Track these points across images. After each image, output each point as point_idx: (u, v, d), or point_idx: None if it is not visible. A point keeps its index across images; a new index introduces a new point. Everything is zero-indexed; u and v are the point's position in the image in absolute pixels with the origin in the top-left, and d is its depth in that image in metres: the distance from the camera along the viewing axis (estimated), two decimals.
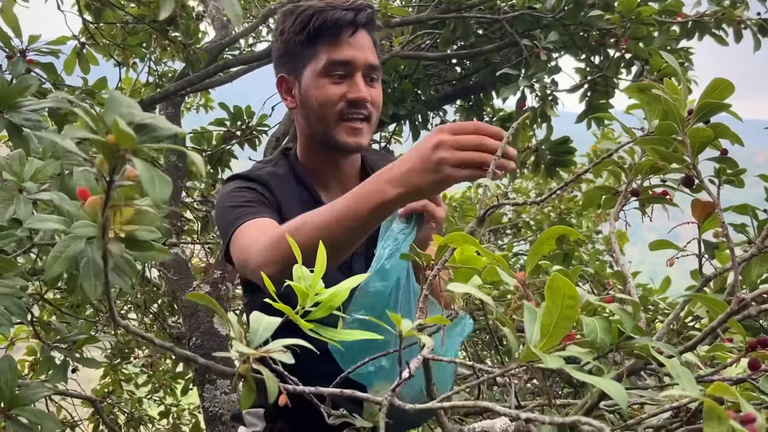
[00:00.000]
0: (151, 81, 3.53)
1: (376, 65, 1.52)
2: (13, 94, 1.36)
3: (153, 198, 0.64)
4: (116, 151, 0.63)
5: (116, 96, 0.67)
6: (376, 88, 1.53)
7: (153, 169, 0.64)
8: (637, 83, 0.93)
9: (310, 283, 0.92)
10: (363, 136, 1.52)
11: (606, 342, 0.83)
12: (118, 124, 0.61)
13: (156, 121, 0.67)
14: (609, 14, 2.36)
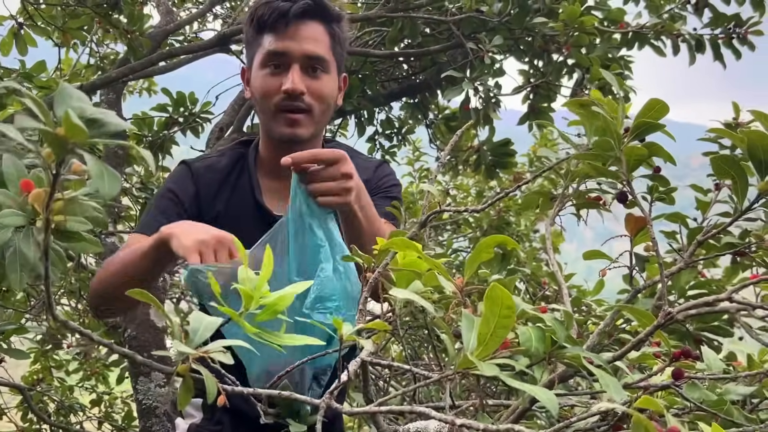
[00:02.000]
0: (93, 63, 3.45)
1: (316, 56, 1.50)
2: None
3: (102, 194, 0.64)
4: (66, 144, 0.62)
5: (67, 88, 0.66)
6: (320, 79, 1.51)
7: (103, 164, 0.64)
8: (578, 99, 0.96)
9: (256, 286, 0.92)
10: (301, 128, 1.50)
11: (540, 350, 0.86)
12: (69, 117, 0.60)
13: (106, 115, 0.66)
14: (553, 21, 2.41)
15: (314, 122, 1.52)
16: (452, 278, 0.97)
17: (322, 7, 1.52)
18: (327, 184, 1.27)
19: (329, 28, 1.53)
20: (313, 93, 1.50)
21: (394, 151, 3.63)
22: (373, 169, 1.63)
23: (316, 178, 1.28)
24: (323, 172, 1.28)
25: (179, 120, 3.14)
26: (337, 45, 1.54)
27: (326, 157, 1.28)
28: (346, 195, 1.28)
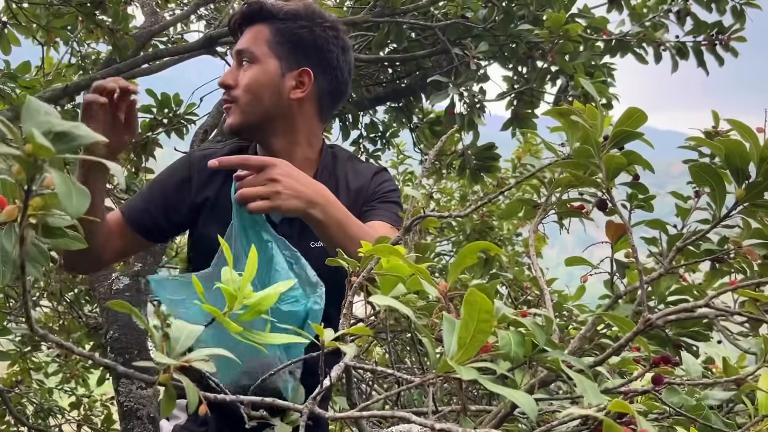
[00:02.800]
0: (74, 62, 3.44)
1: (239, 50, 1.63)
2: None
3: (70, 212, 0.64)
4: (33, 161, 0.62)
5: (34, 103, 0.66)
6: (245, 71, 1.61)
7: (70, 181, 0.64)
8: (558, 108, 0.97)
9: (239, 286, 0.93)
10: (230, 116, 1.62)
11: (519, 354, 0.87)
12: (33, 135, 0.60)
13: (75, 129, 0.66)
14: (538, 28, 2.43)
15: (241, 111, 1.60)
16: (436, 283, 0.98)
17: (257, 10, 1.64)
18: (251, 189, 1.36)
19: (271, 25, 1.63)
20: (240, 84, 1.60)
21: (378, 154, 3.63)
22: (370, 176, 1.70)
23: (243, 183, 1.38)
24: (249, 179, 1.37)
25: (163, 121, 3.13)
26: (283, 39, 1.62)
27: (253, 163, 1.39)
28: (274, 199, 1.36)
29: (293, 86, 1.61)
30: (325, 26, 1.64)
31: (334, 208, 1.41)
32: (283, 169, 1.38)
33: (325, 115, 1.72)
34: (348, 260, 1.11)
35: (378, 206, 1.63)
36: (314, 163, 1.69)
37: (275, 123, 1.62)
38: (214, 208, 1.62)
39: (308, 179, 1.43)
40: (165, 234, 1.73)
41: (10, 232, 0.94)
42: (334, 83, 1.66)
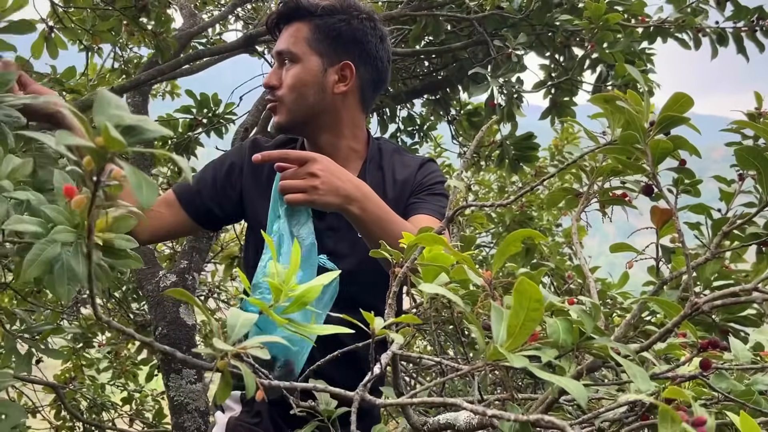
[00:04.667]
0: (117, 67, 3.50)
1: (280, 50, 1.66)
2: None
3: (140, 202, 0.66)
4: (104, 154, 0.65)
5: (105, 96, 0.68)
6: (287, 71, 1.64)
7: (140, 173, 0.66)
8: (603, 94, 0.98)
9: (284, 280, 0.95)
10: (276, 115, 1.67)
11: (567, 342, 0.88)
12: (107, 128, 0.63)
13: (144, 123, 0.68)
14: (576, 17, 2.42)
15: (287, 110, 1.65)
16: (480, 272, 0.99)
17: (294, 8, 1.67)
18: (290, 182, 1.40)
19: (309, 22, 1.65)
20: (283, 84, 1.64)
21: (416, 147, 3.64)
22: (416, 167, 1.71)
23: (284, 176, 1.42)
24: (290, 172, 1.42)
25: (203, 121, 3.19)
26: (321, 35, 1.64)
27: (294, 157, 1.43)
28: (311, 193, 1.39)
29: (336, 80, 1.64)
30: (362, 17, 1.66)
31: (373, 205, 1.44)
32: (322, 164, 1.42)
33: (368, 105, 1.75)
34: (391, 251, 1.13)
35: (424, 198, 1.64)
36: (360, 154, 1.71)
37: (321, 118, 1.65)
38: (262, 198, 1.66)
39: (348, 175, 1.46)
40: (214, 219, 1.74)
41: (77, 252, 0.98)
42: (375, 73, 1.69)
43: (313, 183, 1.39)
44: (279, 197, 1.46)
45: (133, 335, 0.83)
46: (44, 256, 0.95)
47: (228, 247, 3.79)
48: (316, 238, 1.55)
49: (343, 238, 1.56)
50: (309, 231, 1.46)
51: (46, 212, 0.99)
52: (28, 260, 0.95)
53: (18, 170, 1.26)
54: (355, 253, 1.58)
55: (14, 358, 1.65)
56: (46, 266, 0.96)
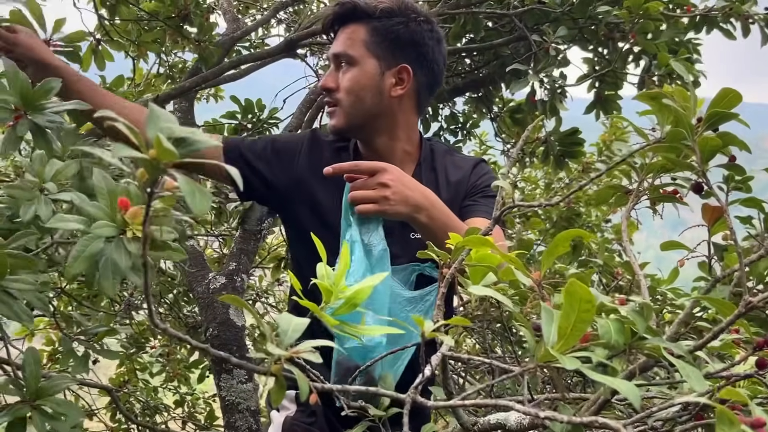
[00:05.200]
0: (163, 72, 3.57)
1: (338, 53, 1.64)
2: (37, 95, 1.38)
3: (194, 211, 0.68)
4: (157, 165, 0.67)
5: (156, 110, 0.70)
6: (345, 74, 1.63)
7: (193, 182, 0.68)
8: (649, 91, 0.96)
9: (334, 281, 0.96)
10: (333, 118, 1.67)
11: (620, 343, 0.87)
12: (160, 140, 0.64)
13: (193, 134, 0.70)
14: (617, 9, 2.38)
15: (345, 113, 1.64)
16: (529, 272, 0.99)
17: (351, 9, 1.65)
18: (362, 192, 1.42)
19: (367, 24, 1.63)
20: (341, 87, 1.64)
21: (460, 146, 3.63)
22: (470, 169, 1.71)
23: (354, 186, 1.44)
24: (360, 182, 1.44)
25: (248, 126, 3.22)
26: (379, 38, 1.63)
27: (364, 168, 1.45)
28: (383, 203, 1.41)
29: (393, 84, 1.63)
30: (420, 20, 1.65)
31: (439, 212, 1.45)
32: (393, 175, 1.43)
33: (422, 109, 1.75)
34: (438, 252, 1.13)
35: (479, 201, 1.64)
36: (414, 156, 1.71)
37: (377, 121, 1.65)
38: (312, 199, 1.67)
39: (416, 184, 1.47)
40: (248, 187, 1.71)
41: (119, 246, 1.01)
42: (431, 76, 1.68)
43: (384, 193, 1.41)
44: (350, 207, 1.47)
45: (189, 341, 0.84)
46: (88, 252, 0.98)
47: (275, 251, 3.83)
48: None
49: (396, 239, 1.57)
50: (380, 238, 1.47)
51: (87, 209, 1.02)
52: (73, 256, 0.98)
53: (62, 173, 1.30)
54: (406, 254, 1.59)
55: (72, 360, 1.70)
56: (90, 261, 0.99)
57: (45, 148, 1.36)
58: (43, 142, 1.38)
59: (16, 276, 1.13)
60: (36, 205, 1.23)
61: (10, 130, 1.35)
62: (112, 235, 1.00)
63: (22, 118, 1.34)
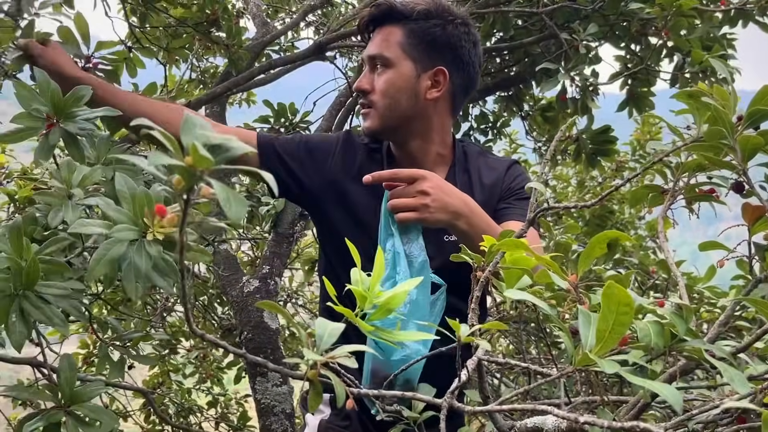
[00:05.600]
0: (194, 77, 3.60)
1: (373, 55, 1.64)
2: (68, 104, 1.39)
3: (230, 217, 0.68)
4: (193, 172, 0.67)
5: (191, 118, 0.70)
6: (380, 76, 1.63)
7: (229, 189, 0.68)
8: (687, 90, 0.95)
9: (369, 286, 0.96)
10: (367, 120, 1.66)
11: (660, 345, 0.86)
12: (196, 148, 0.65)
13: (228, 141, 0.70)
14: (649, 6, 2.35)
15: (379, 115, 1.64)
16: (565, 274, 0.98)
17: (387, 11, 1.64)
18: (402, 200, 1.43)
19: (403, 26, 1.62)
20: (376, 89, 1.63)
21: (490, 145, 3.60)
22: (504, 170, 1.69)
23: (394, 194, 1.44)
24: (400, 190, 1.44)
25: (280, 129, 3.24)
26: (415, 39, 1.62)
27: (404, 176, 1.45)
28: (422, 211, 1.41)
29: (429, 86, 1.62)
30: (457, 23, 1.64)
31: (479, 218, 1.45)
32: (432, 182, 1.43)
33: (457, 111, 1.73)
34: (473, 255, 1.12)
35: (514, 204, 1.62)
36: (447, 159, 1.70)
37: (412, 124, 1.64)
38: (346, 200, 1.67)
39: (455, 190, 1.46)
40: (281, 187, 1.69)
41: (140, 249, 1.02)
42: (467, 79, 1.67)
43: (424, 201, 1.41)
44: (390, 215, 1.47)
45: (226, 347, 0.85)
46: (110, 255, 0.99)
47: (306, 252, 3.84)
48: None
49: (430, 241, 1.56)
50: (420, 248, 1.47)
51: (110, 213, 1.03)
52: (95, 259, 0.99)
53: (88, 178, 1.32)
54: (440, 256, 1.58)
55: (108, 365, 1.72)
56: (113, 264, 1.00)
57: (77, 156, 1.38)
58: (75, 150, 1.39)
59: (49, 282, 1.15)
60: (64, 211, 1.25)
61: (43, 138, 1.37)
62: (134, 239, 1.01)
63: (54, 127, 1.36)
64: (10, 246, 1.13)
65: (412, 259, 1.46)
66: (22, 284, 1.09)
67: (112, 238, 0.99)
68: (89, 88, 1.45)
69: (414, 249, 1.48)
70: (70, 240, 1.24)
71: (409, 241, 1.48)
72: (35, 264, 1.09)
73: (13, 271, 1.09)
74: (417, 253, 1.47)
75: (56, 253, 1.21)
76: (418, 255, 1.47)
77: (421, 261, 1.47)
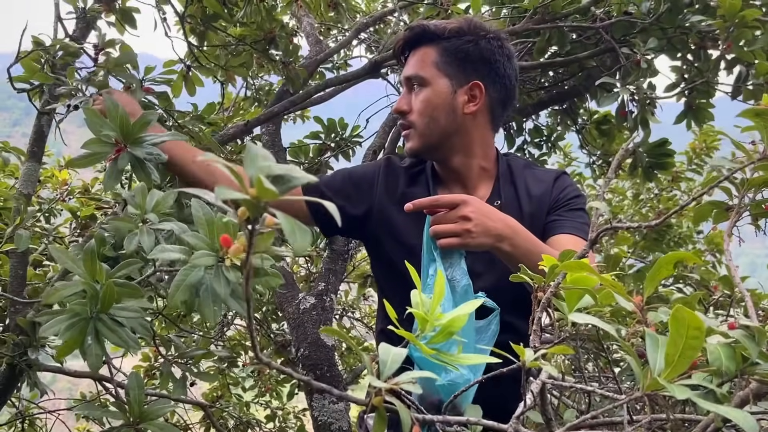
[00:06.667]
0: (249, 95, 3.66)
1: (409, 75, 1.67)
2: (135, 129, 1.43)
3: (294, 249, 0.69)
4: (259, 204, 0.68)
5: (253, 149, 0.72)
6: (417, 95, 1.66)
7: (293, 220, 0.69)
8: (753, 108, 0.93)
9: (429, 309, 0.96)
10: (409, 141, 1.68)
11: (731, 369, 0.84)
12: (260, 181, 0.66)
13: (290, 171, 0.72)
14: (708, 17, 2.31)
15: (420, 135, 1.66)
16: (630, 296, 0.97)
17: (419, 34, 1.68)
18: (444, 227, 1.42)
19: (436, 45, 1.66)
20: (414, 109, 1.66)
21: (545, 159, 3.58)
22: (552, 181, 1.69)
23: (435, 220, 1.44)
24: (442, 216, 1.43)
25: (331, 145, 3.27)
26: (449, 57, 1.65)
27: (445, 202, 1.45)
28: (465, 236, 1.41)
29: (466, 101, 1.65)
30: (490, 37, 1.66)
31: (522, 239, 1.45)
32: (474, 206, 1.43)
33: (497, 124, 1.74)
34: (533, 275, 1.12)
35: (564, 215, 1.62)
36: (491, 173, 1.71)
37: (452, 140, 1.66)
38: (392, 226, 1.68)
39: (497, 213, 1.46)
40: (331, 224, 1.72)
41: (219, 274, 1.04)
42: (504, 92, 1.68)
43: (467, 226, 1.41)
44: (432, 241, 1.47)
45: (291, 374, 0.86)
46: (189, 281, 1.02)
47: (360, 266, 3.86)
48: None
49: (479, 257, 1.56)
50: (463, 272, 1.47)
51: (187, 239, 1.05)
52: (174, 285, 1.02)
53: (161, 203, 1.35)
54: (491, 271, 1.58)
55: (171, 382, 1.76)
56: (191, 290, 1.03)
57: (145, 180, 1.41)
58: (143, 174, 1.43)
59: (122, 304, 1.18)
60: (139, 236, 1.29)
61: (112, 164, 1.41)
62: (212, 264, 1.03)
63: (122, 152, 1.40)
64: (84, 269, 1.16)
65: (454, 284, 1.45)
66: (98, 308, 1.12)
67: (191, 264, 1.02)
68: (156, 112, 1.49)
69: (456, 273, 1.47)
70: (142, 263, 1.27)
71: (452, 266, 1.47)
72: (111, 288, 1.12)
73: (89, 295, 1.12)
74: (459, 277, 1.46)
75: (129, 276, 1.25)
76: (461, 279, 1.46)
77: (464, 285, 1.46)
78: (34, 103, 1.88)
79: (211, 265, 1.04)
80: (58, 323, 1.11)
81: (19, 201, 1.88)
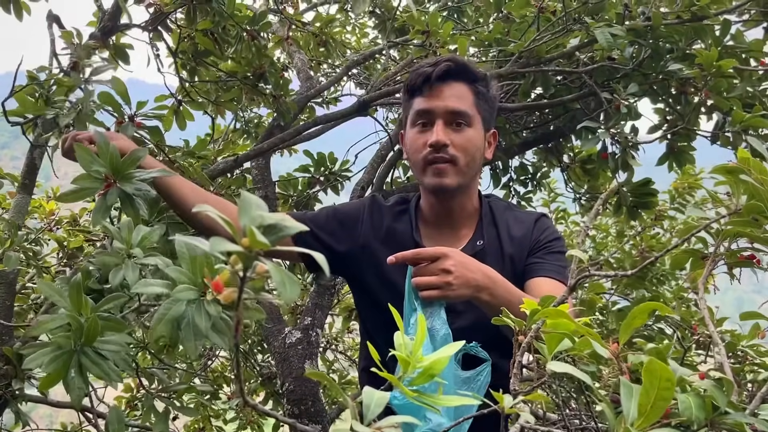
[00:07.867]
0: (239, 127, 3.70)
1: (457, 110, 1.64)
2: (125, 165, 1.46)
3: (284, 299, 0.72)
4: (251, 254, 0.71)
5: (247, 198, 0.75)
6: (462, 133, 1.65)
7: (283, 271, 0.72)
8: (724, 165, 0.97)
9: (412, 351, 0.98)
10: (446, 177, 1.64)
11: (701, 418, 0.87)
12: (253, 232, 0.69)
13: (282, 220, 0.74)
14: (688, 65, 2.37)
15: (459, 172, 1.66)
16: (606, 344, 1.00)
17: (462, 68, 1.68)
18: (425, 279, 1.43)
19: (472, 86, 1.68)
20: (457, 145, 1.64)
21: (530, 196, 3.62)
22: (532, 223, 1.73)
23: (417, 272, 1.44)
24: (424, 268, 1.44)
25: (320, 179, 3.31)
26: (482, 102, 1.68)
27: (427, 254, 1.45)
28: (445, 289, 1.42)
29: (487, 146, 1.71)
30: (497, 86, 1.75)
31: (501, 289, 1.47)
32: (455, 260, 1.44)
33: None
34: (514, 319, 1.14)
35: (544, 258, 1.65)
36: (474, 214, 1.74)
37: (472, 181, 1.71)
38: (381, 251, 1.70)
39: (476, 264, 1.48)
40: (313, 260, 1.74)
41: (200, 308, 1.06)
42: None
43: (447, 279, 1.43)
44: (413, 291, 1.49)
45: (276, 416, 0.88)
46: (170, 314, 1.03)
47: (345, 299, 3.87)
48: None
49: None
50: (442, 322, 1.49)
51: (169, 273, 1.07)
52: (156, 319, 1.03)
53: (147, 238, 1.37)
54: (471, 310, 1.61)
55: (153, 416, 1.76)
56: (173, 323, 1.04)
57: (132, 216, 1.44)
58: (131, 210, 1.46)
59: (106, 338, 1.19)
60: (123, 271, 1.30)
61: (101, 199, 1.43)
62: (194, 298, 1.05)
63: (111, 187, 1.43)
64: (69, 302, 1.18)
65: (434, 333, 1.47)
66: (82, 341, 1.14)
67: (173, 298, 1.04)
68: (145, 149, 1.52)
69: (436, 323, 1.49)
70: (127, 297, 1.29)
71: (431, 316, 1.48)
72: (95, 322, 1.13)
73: (73, 327, 1.14)
74: (439, 326, 1.48)
75: (113, 310, 1.27)
76: (440, 329, 1.48)
77: (443, 335, 1.47)
78: (27, 136, 1.90)
79: (193, 299, 1.05)
80: (42, 356, 1.12)
81: (10, 228, 1.90)
